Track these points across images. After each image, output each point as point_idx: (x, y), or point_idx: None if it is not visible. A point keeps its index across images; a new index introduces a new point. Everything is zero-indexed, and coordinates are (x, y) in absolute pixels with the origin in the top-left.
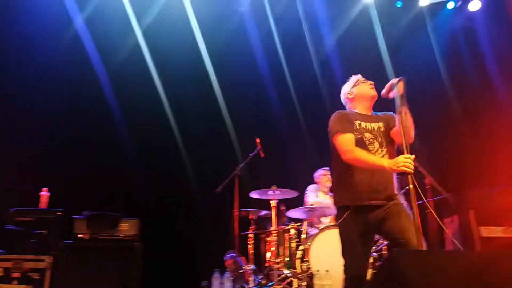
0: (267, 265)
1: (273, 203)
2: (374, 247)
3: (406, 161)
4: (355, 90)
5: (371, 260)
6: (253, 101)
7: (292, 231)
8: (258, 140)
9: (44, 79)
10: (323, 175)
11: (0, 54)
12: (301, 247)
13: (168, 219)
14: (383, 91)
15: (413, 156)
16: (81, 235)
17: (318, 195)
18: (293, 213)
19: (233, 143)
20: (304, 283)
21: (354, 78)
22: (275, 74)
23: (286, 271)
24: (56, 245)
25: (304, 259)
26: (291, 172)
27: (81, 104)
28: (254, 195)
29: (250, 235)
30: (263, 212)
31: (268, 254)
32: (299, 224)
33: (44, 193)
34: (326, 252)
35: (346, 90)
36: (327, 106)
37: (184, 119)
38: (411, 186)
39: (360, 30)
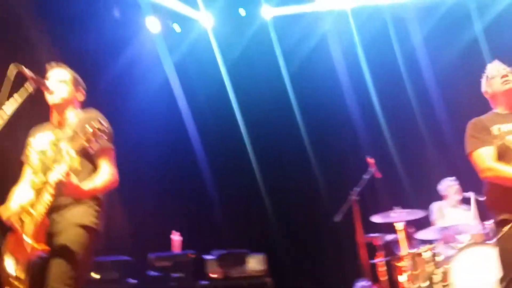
0: None
1: (398, 225)
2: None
3: None
4: (488, 88)
5: None
6: (347, 120)
7: (426, 254)
8: (371, 160)
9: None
10: (448, 187)
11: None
12: (439, 270)
13: (291, 252)
14: None
15: None
16: (214, 275)
17: (445, 212)
18: (424, 234)
19: (346, 167)
20: None
21: (486, 73)
22: (362, 88)
23: None
24: (194, 286)
25: (444, 283)
26: (414, 189)
27: (183, 146)
28: (376, 219)
29: (379, 262)
30: (389, 236)
31: (402, 281)
32: (432, 245)
33: (177, 237)
34: (470, 273)
35: (482, 88)
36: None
37: (291, 149)
38: None
39: (450, 26)
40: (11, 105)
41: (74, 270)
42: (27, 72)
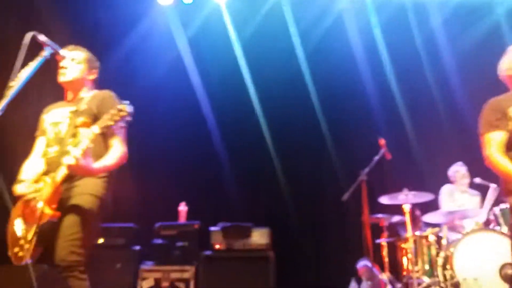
0: (404, 273)
1: (406, 207)
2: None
3: None
4: (510, 70)
5: None
6: (363, 99)
7: (431, 237)
8: (382, 141)
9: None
10: (457, 172)
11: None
12: (442, 254)
13: (296, 227)
14: None
15: None
16: (218, 246)
17: (455, 196)
18: (430, 218)
19: (356, 147)
20: None
21: (506, 53)
22: (377, 68)
23: (426, 280)
24: (197, 256)
25: (446, 267)
26: (424, 172)
27: (192, 123)
28: (384, 200)
29: (383, 243)
30: (396, 218)
31: (405, 262)
32: (437, 229)
33: (183, 208)
34: (472, 259)
35: (502, 66)
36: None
37: (301, 126)
38: None
39: (471, 10)
40: (26, 72)
41: (83, 233)
42: (43, 38)
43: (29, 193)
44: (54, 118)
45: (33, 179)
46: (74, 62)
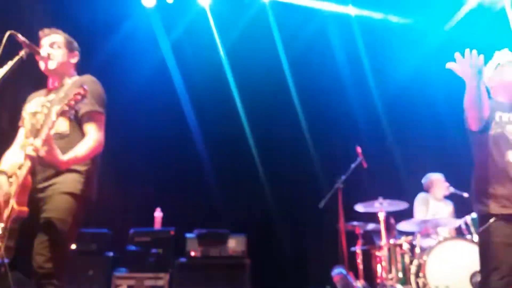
0: (378, 281)
1: (381, 215)
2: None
3: None
4: (496, 76)
5: None
6: (342, 108)
7: (405, 245)
8: (359, 149)
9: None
10: (435, 180)
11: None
12: (415, 262)
13: (272, 235)
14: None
15: None
16: (193, 253)
17: (429, 204)
18: (404, 226)
19: (334, 155)
20: None
21: (495, 59)
22: (359, 76)
23: (400, 287)
24: (171, 263)
25: (419, 275)
26: (399, 181)
27: (170, 127)
28: (359, 208)
29: (358, 251)
30: (371, 226)
31: (379, 270)
32: (411, 237)
33: (158, 213)
34: (445, 267)
35: (486, 74)
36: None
37: (281, 134)
38: None
39: None
40: (3, 70)
41: (62, 238)
42: (21, 38)
43: None
44: (32, 108)
45: (8, 170)
46: (54, 47)
